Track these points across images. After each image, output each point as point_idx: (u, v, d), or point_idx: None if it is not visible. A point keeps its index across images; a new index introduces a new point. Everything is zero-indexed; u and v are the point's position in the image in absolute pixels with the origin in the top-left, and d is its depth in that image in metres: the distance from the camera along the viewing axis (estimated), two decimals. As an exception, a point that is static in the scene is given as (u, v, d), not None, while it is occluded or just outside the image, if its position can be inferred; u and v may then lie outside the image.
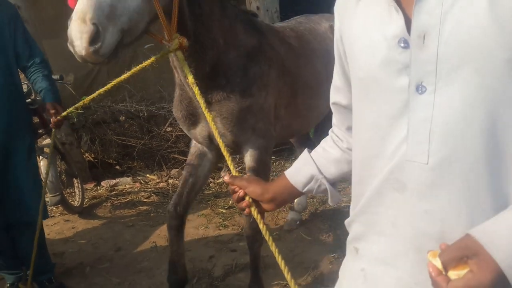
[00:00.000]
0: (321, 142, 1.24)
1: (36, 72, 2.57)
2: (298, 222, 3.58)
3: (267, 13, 4.72)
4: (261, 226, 1.14)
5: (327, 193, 1.19)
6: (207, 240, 3.46)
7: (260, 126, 2.30)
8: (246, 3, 4.70)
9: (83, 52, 1.50)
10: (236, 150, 2.44)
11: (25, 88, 2.96)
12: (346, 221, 1.08)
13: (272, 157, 5.37)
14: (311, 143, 3.56)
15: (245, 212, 1.21)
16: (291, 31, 2.77)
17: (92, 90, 6.40)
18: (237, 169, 1.33)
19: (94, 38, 1.48)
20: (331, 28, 3.02)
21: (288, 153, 5.14)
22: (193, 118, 2.31)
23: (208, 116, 1.43)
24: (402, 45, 0.83)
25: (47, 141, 3.69)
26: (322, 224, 3.58)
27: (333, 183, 1.19)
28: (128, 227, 3.85)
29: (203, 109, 1.44)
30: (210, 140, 2.33)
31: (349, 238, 1.08)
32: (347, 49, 0.99)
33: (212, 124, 1.42)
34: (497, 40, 0.75)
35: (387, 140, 0.89)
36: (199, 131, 2.33)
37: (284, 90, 2.45)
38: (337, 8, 1.03)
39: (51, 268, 2.87)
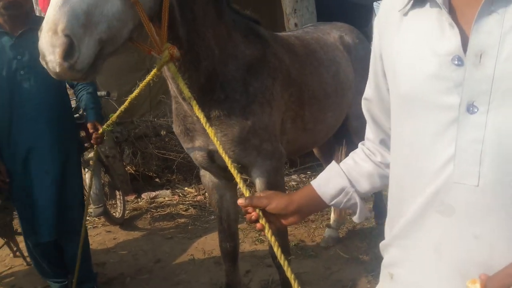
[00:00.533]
0: (351, 154, 1.19)
1: (82, 90, 2.76)
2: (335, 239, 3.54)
3: (305, 29, 4.76)
4: (275, 249, 1.09)
5: (355, 208, 1.14)
6: (243, 254, 3.47)
7: (266, 146, 2.09)
8: (284, 20, 4.76)
9: (57, 69, 1.30)
10: (243, 172, 2.27)
11: (73, 103, 3.12)
12: (382, 244, 1.03)
13: (307, 172, 5.36)
14: (337, 159, 3.50)
15: (263, 233, 1.16)
16: (296, 39, 2.60)
17: (135, 105, 6.60)
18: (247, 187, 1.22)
19: (68, 52, 1.27)
20: (341, 38, 2.92)
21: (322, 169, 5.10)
22: (191, 133, 2.13)
23: (210, 132, 1.29)
24: (456, 62, 0.80)
25: (92, 154, 3.84)
26: (360, 242, 3.52)
27: (362, 198, 1.15)
28: (167, 239, 3.93)
29: (204, 124, 1.30)
30: (210, 159, 2.14)
31: (384, 262, 1.03)
32: (386, 65, 0.97)
33: (215, 140, 1.29)
34: None
35: (428, 159, 0.85)
36: (198, 149, 2.15)
37: (290, 102, 2.26)
38: (377, 24, 1.01)
39: (94, 277, 2.98)
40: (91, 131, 2.55)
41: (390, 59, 0.95)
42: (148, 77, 1.51)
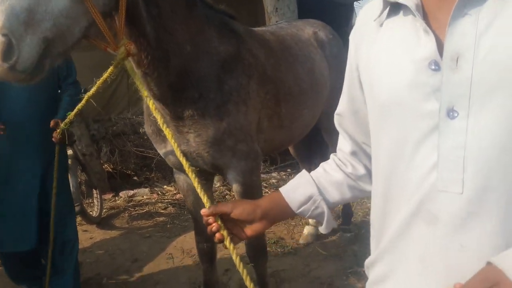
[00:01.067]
0: (322, 164, 1.16)
1: (65, 91, 2.75)
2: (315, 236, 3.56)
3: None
4: (234, 257, 1.08)
5: (322, 217, 1.10)
6: (222, 253, 3.45)
7: (241, 147, 2.04)
8: (265, 18, 4.75)
9: None
10: (219, 173, 2.25)
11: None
12: (367, 261, 1.00)
13: (288, 170, 5.37)
14: (313, 157, 3.50)
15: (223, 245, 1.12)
16: (271, 34, 2.56)
17: (113, 102, 6.48)
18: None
19: (7, 52, 1.19)
20: (315, 34, 2.91)
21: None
22: (162, 133, 2.05)
23: (167, 133, 1.26)
24: (433, 67, 0.79)
25: (69, 152, 3.77)
26: (338, 239, 3.54)
27: (331, 208, 1.11)
28: (145, 238, 3.88)
29: (161, 125, 1.27)
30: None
31: (369, 280, 0.99)
32: (363, 75, 0.96)
33: (173, 142, 1.26)
34: None
35: (411, 168, 0.83)
36: (170, 150, 2.10)
37: (266, 100, 2.21)
38: (353, 36, 1.00)
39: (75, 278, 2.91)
40: (51, 125, 2.49)
41: (367, 69, 0.94)
42: (105, 75, 1.45)
